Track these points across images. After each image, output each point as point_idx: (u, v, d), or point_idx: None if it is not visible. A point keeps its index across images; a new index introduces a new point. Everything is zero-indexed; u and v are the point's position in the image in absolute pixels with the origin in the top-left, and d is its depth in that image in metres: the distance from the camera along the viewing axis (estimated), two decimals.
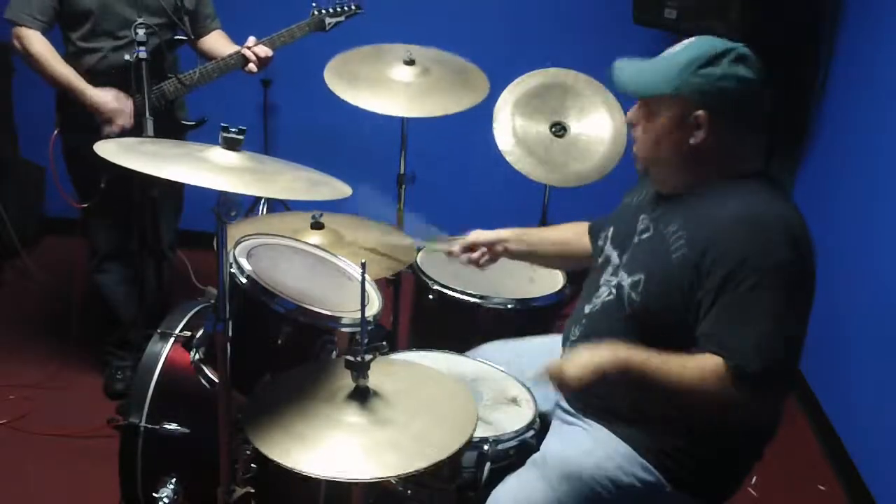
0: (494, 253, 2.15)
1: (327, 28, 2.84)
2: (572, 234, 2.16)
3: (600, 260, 1.92)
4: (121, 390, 3.01)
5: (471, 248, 2.16)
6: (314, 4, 2.82)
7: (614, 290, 1.79)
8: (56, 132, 2.78)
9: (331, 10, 2.83)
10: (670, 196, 1.77)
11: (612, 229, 1.93)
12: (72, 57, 2.72)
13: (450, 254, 2.20)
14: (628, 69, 1.75)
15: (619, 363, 1.62)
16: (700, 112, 1.64)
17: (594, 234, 2.07)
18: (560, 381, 1.68)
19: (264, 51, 2.77)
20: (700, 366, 1.60)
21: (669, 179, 1.77)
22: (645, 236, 1.79)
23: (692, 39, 1.69)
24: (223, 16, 3.02)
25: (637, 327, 1.72)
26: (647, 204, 1.84)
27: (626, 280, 1.75)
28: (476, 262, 2.16)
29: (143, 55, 2.45)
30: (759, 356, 1.57)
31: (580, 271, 2.12)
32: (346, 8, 2.85)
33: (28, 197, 3.99)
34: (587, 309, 1.86)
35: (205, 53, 2.91)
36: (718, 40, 1.67)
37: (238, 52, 2.78)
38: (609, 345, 1.66)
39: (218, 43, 2.94)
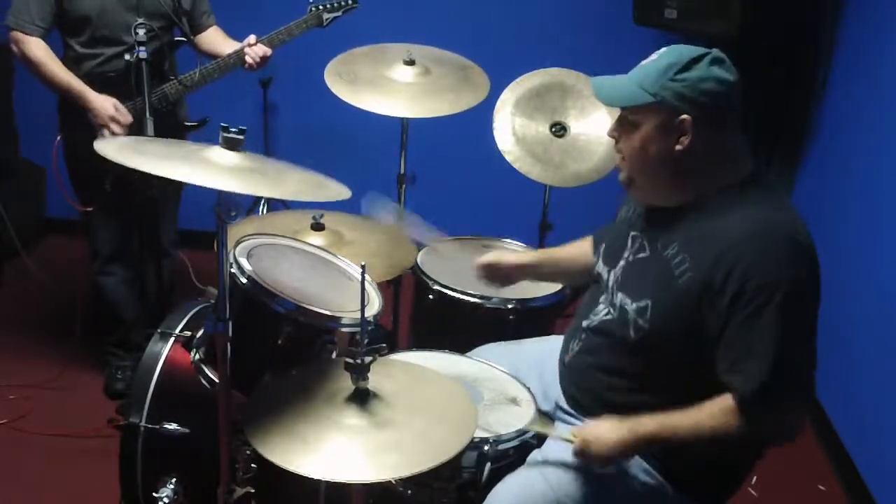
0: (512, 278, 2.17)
1: (325, 24, 2.84)
2: (582, 251, 2.12)
3: (594, 274, 1.92)
4: (121, 390, 3.01)
5: (489, 267, 2.16)
6: (311, 1, 2.82)
7: (612, 311, 1.78)
8: (59, 137, 2.78)
9: (327, 6, 2.83)
10: (662, 210, 1.75)
11: (604, 245, 1.92)
12: (71, 61, 2.72)
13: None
14: (607, 83, 1.74)
15: (640, 441, 1.66)
16: (684, 116, 1.62)
17: (596, 245, 2.06)
18: (588, 460, 1.71)
19: (263, 50, 2.79)
20: (711, 414, 1.61)
21: (658, 192, 1.74)
22: (640, 256, 1.77)
23: (664, 49, 1.69)
24: (221, 14, 3.02)
25: (641, 350, 1.72)
26: (637, 219, 1.82)
27: (630, 305, 1.73)
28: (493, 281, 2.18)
29: (143, 55, 2.45)
30: (765, 383, 1.56)
31: None
32: (342, 3, 2.84)
33: (28, 197, 4.00)
34: (584, 324, 1.86)
35: (203, 51, 2.91)
36: (692, 47, 1.66)
37: (237, 52, 2.78)
38: (621, 423, 1.67)
39: (216, 39, 2.94)
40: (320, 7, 2.83)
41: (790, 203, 1.71)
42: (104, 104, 2.66)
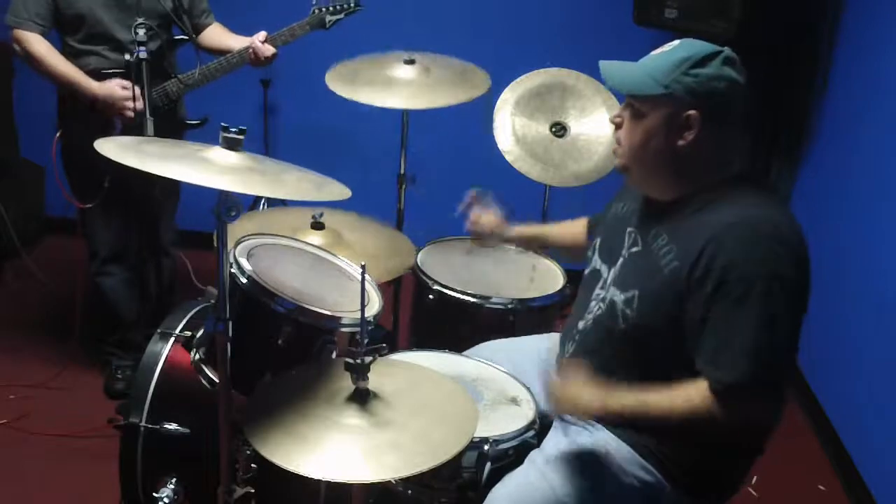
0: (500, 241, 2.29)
1: (328, 26, 2.83)
2: (574, 237, 2.22)
3: (588, 272, 1.92)
4: (121, 390, 3.01)
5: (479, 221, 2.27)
6: (314, 2, 2.81)
7: (603, 305, 1.79)
8: (58, 135, 2.78)
9: (330, 8, 2.82)
10: (657, 205, 1.76)
11: (599, 241, 1.93)
12: (69, 59, 2.72)
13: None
14: (617, 68, 1.73)
15: (609, 412, 1.66)
16: (692, 112, 1.63)
17: (591, 231, 2.12)
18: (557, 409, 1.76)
19: (269, 50, 2.80)
20: (687, 396, 1.62)
21: (652, 183, 1.75)
22: (634, 250, 1.78)
23: (678, 41, 1.69)
24: (224, 15, 3.02)
25: (630, 343, 1.73)
26: (632, 214, 1.83)
27: (619, 296, 1.74)
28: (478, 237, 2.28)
29: (143, 55, 2.45)
30: (742, 376, 1.57)
31: (580, 273, 2.12)
32: (345, 5, 2.83)
33: (28, 197, 4.00)
34: (580, 325, 1.86)
35: (207, 48, 2.92)
36: (706, 43, 1.67)
37: (239, 52, 2.79)
38: (597, 391, 1.67)
39: (220, 35, 2.95)
40: (323, 9, 2.82)
41: (780, 200, 1.73)
42: (110, 88, 2.67)
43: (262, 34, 2.80)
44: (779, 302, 1.57)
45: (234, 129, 1.60)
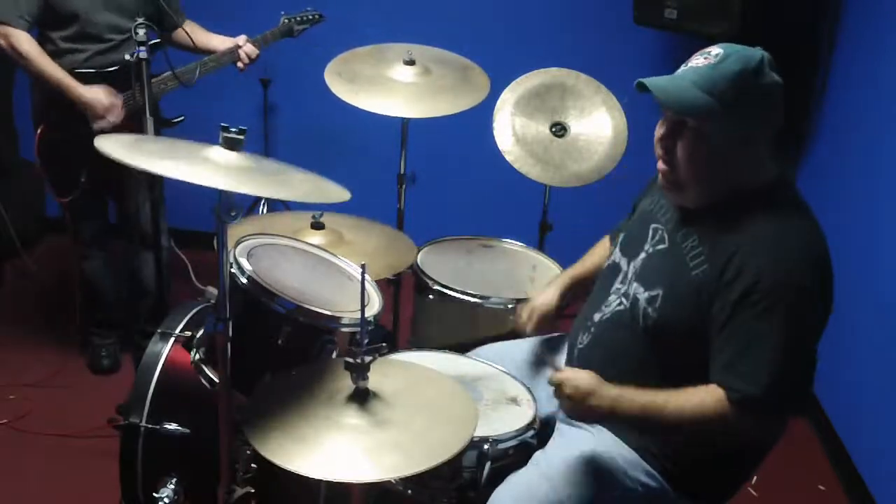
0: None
1: (296, 34, 3.06)
2: (604, 259, 2.05)
3: (607, 265, 1.91)
4: (108, 366, 3.11)
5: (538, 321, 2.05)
6: (283, 13, 3.04)
7: (625, 301, 1.78)
8: (40, 130, 2.79)
9: (297, 19, 3.06)
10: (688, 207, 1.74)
11: (622, 235, 1.91)
12: (52, 56, 2.72)
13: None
14: (672, 88, 1.63)
15: (618, 414, 1.64)
16: (752, 123, 1.62)
17: (612, 239, 2.05)
18: (562, 404, 1.71)
19: (255, 51, 2.95)
20: (701, 403, 1.60)
21: (703, 194, 1.70)
22: (660, 247, 1.76)
23: (720, 49, 1.63)
24: (204, 21, 3.08)
25: (651, 341, 1.72)
26: (660, 210, 1.82)
27: (642, 294, 1.73)
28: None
29: (143, 55, 2.46)
30: (763, 389, 1.56)
31: None
32: (309, 17, 3.09)
33: (28, 197, 3.99)
34: (596, 317, 1.85)
35: (183, 45, 2.98)
36: (744, 47, 1.64)
37: (229, 52, 2.91)
38: (604, 393, 1.64)
39: (199, 33, 3.02)
40: (291, 19, 3.05)
41: (811, 212, 1.70)
42: (96, 95, 2.68)
43: (243, 38, 2.94)
44: (804, 318, 1.58)
45: (234, 129, 1.60)
